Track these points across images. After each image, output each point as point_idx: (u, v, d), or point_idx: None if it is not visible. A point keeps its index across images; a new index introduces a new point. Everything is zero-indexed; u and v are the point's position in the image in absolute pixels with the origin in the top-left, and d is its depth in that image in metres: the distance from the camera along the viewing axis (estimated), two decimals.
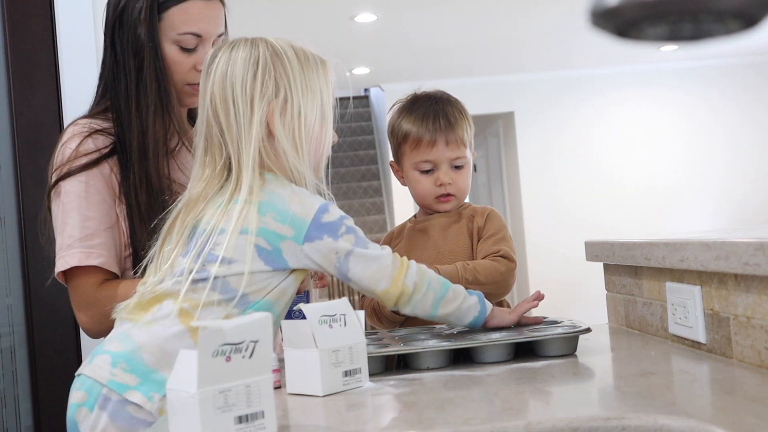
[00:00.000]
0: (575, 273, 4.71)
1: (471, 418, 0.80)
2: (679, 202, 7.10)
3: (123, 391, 1.05)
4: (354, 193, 7.72)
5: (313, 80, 1.19)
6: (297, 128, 1.15)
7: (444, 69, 6.32)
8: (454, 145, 1.51)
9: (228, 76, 1.14)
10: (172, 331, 1.07)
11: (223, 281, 1.08)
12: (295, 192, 1.11)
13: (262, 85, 1.14)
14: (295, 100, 1.15)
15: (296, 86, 1.16)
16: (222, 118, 1.14)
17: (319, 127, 1.19)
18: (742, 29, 0.45)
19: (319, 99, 1.19)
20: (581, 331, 1.14)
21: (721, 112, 7.13)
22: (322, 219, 1.09)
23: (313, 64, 1.20)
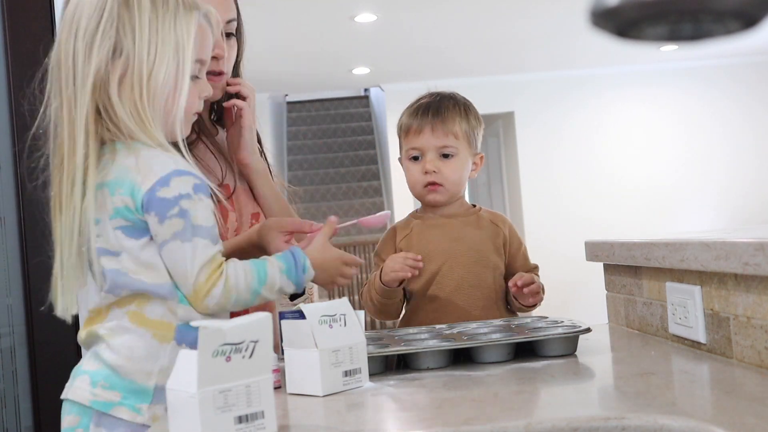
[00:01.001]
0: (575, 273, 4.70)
1: (471, 418, 0.80)
2: (679, 202, 7.10)
3: (108, 409, 1.02)
4: (354, 193, 7.72)
5: (168, 31, 1.04)
6: (139, 94, 1.02)
7: (444, 69, 6.32)
8: (441, 133, 1.52)
9: (74, 22, 1.03)
10: (132, 337, 1.03)
11: (130, 279, 1.01)
12: (142, 158, 1.01)
13: (101, 39, 1.01)
14: (137, 58, 1.02)
15: (142, 41, 1.02)
16: (62, 71, 1.03)
17: (173, 84, 1.05)
18: (742, 29, 0.45)
19: (173, 51, 1.04)
20: (581, 331, 1.14)
21: (721, 112, 7.13)
22: (157, 193, 0.99)
23: (173, 10, 1.05)
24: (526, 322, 1.29)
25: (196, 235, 1.00)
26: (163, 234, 1.00)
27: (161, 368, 1.03)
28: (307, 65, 6.14)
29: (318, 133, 8.55)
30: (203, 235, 1.00)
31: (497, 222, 1.57)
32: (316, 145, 8.35)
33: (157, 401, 1.02)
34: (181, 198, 0.99)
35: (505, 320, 1.35)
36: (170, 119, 1.07)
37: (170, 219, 0.99)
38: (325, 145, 8.35)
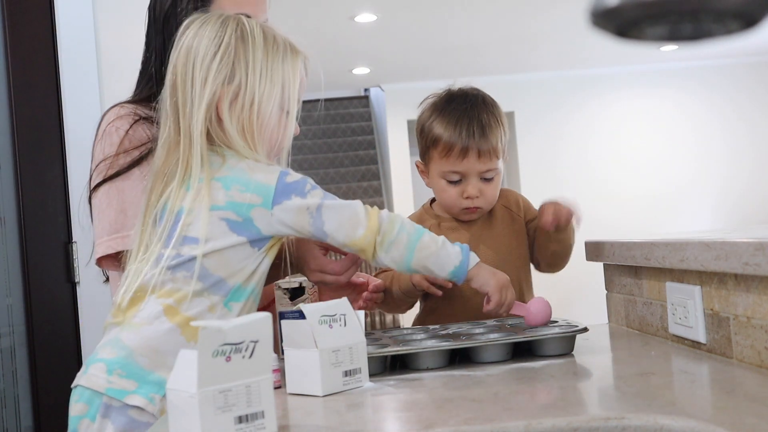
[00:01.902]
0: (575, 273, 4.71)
1: (471, 418, 0.80)
2: (679, 202, 7.10)
3: (122, 396, 1.05)
4: (354, 193, 7.72)
5: (276, 69, 1.15)
6: (248, 117, 1.13)
7: (444, 69, 6.32)
8: (486, 157, 1.44)
9: (192, 51, 1.13)
10: (161, 330, 1.06)
11: (201, 267, 1.07)
12: (254, 163, 1.12)
13: (218, 68, 1.12)
14: (249, 88, 1.13)
15: (254, 74, 1.13)
16: (179, 93, 1.13)
17: (277, 119, 1.16)
18: (742, 29, 0.45)
19: (280, 89, 1.15)
20: (579, 330, 1.14)
21: (721, 111, 7.13)
22: (287, 180, 1.10)
23: (282, 52, 1.17)
24: (522, 322, 1.29)
25: (333, 197, 1.12)
26: (313, 202, 1.09)
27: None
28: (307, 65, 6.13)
29: (318, 133, 8.55)
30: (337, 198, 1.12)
31: (509, 205, 1.54)
32: (316, 145, 8.35)
33: None
34: (306, 178, 1.12)
35: (500, 320, 1.35)
36: (273, 151, 1.17)
37: (310, 191, 1.10)
38: (325, 145, 8.35)
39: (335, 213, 1.10)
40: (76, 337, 1.91)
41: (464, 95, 1.50)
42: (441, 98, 1.51)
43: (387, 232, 1.11)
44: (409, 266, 1.13)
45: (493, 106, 1.50)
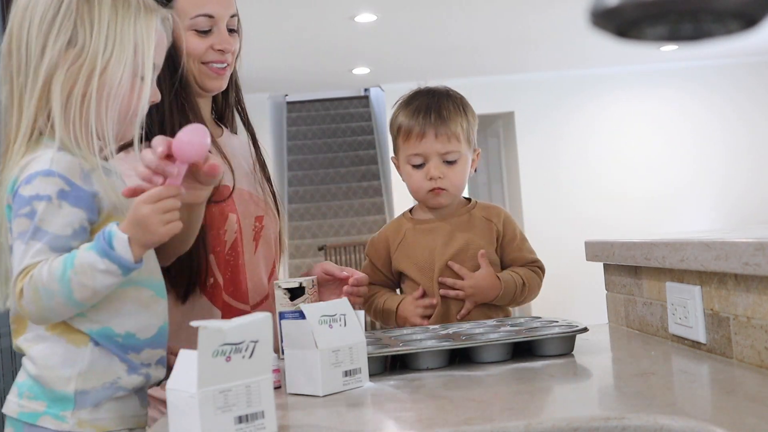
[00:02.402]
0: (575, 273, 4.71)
1: (471, 418, 0.80)
2: (679, 202, 7.10)
3: (35, 420, 1.00)
4: (354, 193, 7.72)
5: (128, 32, 1.02)
6: (96, 84, 1.00)
7: (444, 69, 6.32)
8: (444, 137, 1.49)
9: (28, 10, 1.00)
10: (48, 345, 1.01)
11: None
12: (40, 155, 0.98)
13: (59, 30, 0.99)
14: (93, 51, 1.00)
15: (99, 37, 1.00)
16: (14, 60, 1.01)
17: (128, 85, 1.03)
18: (742, 29, 0.45)
19: (132, 54, 1.02)
20: (578, 330, 1.14)
21: (721, 111, 7.13)
22: (20, 190, 0.96)
23: (134, 10, 1.03)
24: (521, 322, 1.29)
25: (34, 238, 0.95)
26: (13, 231, 0.97)
27: (80, 372, 1.00)
28: (307, 65, 6.14)
29: (318, 133, 8.55)
30: (45, 241, 0.95)
31: (491, 217, 1.56)
32: (316, 145, 8.35)
33: (81, 406, 1.00)
34: (35, 198, 0.95)
35: (499, 320, 1.35)
36: (126, 120, 1.04)
37: (18, 218, 0.96)
38: (325, 145, 8.35)
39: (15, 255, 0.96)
40: None
41: (429, 90, 1.57)
42: (408, 95, 1.58)
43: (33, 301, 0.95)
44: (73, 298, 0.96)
45: (456, 98, 1.56)
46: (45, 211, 0.95)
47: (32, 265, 0.95)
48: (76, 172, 0.99)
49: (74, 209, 0.97)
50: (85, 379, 1.01)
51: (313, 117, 8.68)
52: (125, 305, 1.03)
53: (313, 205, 7.48)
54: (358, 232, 7.30)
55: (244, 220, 1.38)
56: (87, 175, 1.00)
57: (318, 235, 7.20)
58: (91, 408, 1.01)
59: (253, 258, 1.40)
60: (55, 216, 0.96)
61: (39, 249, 0.95)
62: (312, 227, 7.30)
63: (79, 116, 1.01)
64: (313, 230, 7.26)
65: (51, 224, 0.95)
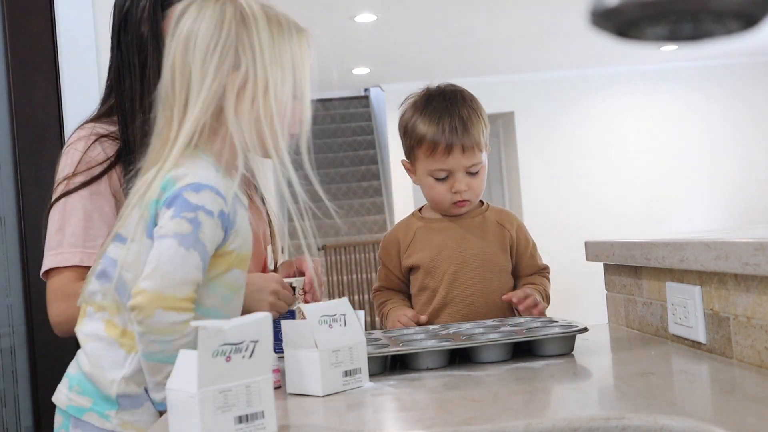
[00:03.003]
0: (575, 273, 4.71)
1: (471, 418, 0.80)
2: (679, 202, 7.10)
3: (81, 414, 1.03)
4: (354, 193, 7.72)
5: (285, 52, 1.05)
6: (262, 105, 1.02)
7: (444, 69, 6.32)
8: (471, 152, 1.47)
9: (191, 41, 1.02)
10: (102, 346, 1.03)
11: (119, 275, 1.00)
12: (204, 170, 1.00)
13: (221, 55, 1.01)
14: (260, 74, 1.02)
15: (263, 59, 1.03)
16: (177, 87, 1.03)
17: (291, 108, 1.06)
18: (742, 29, 0.45)
19: (291, 74, 1.05)
20: (578, 330, 1.14)
21: (721, 112, 7.13)
22: (184, 193, 0.97)
23: (287, 32, 1.06)
24: (521, 322, 1.29)
25: (195, 249, 0.95)
26: (167, 228, 0.96)
27: (123, 377, 1.02)
28: None
29: (318, 133, 8.55)
30: (201, 256, 0.96)
31: (504, 222, 1.55)
32: (316, 145, 8.34)
33: (124, 408, 1.03)
34: (201, 209, 0.97)
35: (499, 320, 1.35)
36: (293, 142, 1.08)
37: (181, 219, 0.96)
38: (325, 145, 8.35)
39: (157, 252, 0.96)
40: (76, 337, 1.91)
41: (443, 93, 1.53)
42: (421, 97, 1.54)
43: (146, 329, 0.94)
44: (147, 358, 0.97)
45: (472, 101, 1.53)
46: (208, 225, 0.97)
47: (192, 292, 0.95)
48: (230, 196, 1.01)
49: (222, 232, 1.00)
50: (128, 383, 1.03)
51: (313, 117, 8.67)
52: None
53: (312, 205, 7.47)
54: (358, 232, 7.30)
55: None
56: (233, 203, 1.02)
57: (318, 235, 7.18)
58: (134, 410, 1.03)
59: None
60: (212, 233, 0.98)
61: (197, 265, 0.96)
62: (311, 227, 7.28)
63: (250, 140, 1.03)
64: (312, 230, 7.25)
65: (207, 240, 0.97)
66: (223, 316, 1.03)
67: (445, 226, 1.54)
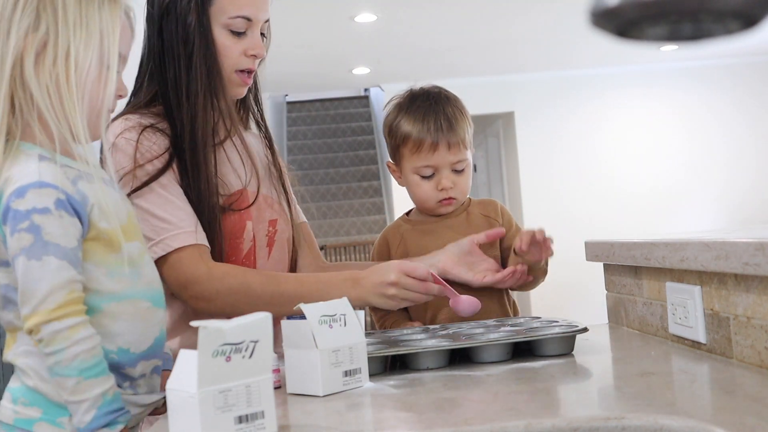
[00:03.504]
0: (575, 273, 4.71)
1: (471, 418, 0.80)
2: (679, 202, 7.10)
3: (31, 426, 0.99)
4: (354, 193, 7.72)
5: (93, 17, 1.00)
6: (63, 72, 0.97)
7: (444, 69, 6.32)
8: (456, 148, 1.48)
9: None
10: (39, 359, 0.99)
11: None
12: (17, 165, 0.96)
13: (22, 14, 0.96)
14: (61, 37, 0.97)
15: (66, 21, 0.97)
16: None
17: (96, 75, 1.00)
18: (742, 29, 0.45)
19: (98, 41, 1.00)
20: (578, 330, 1.14)
21: (721, 112, 7.13)
22: (11, 204, 0.93)
23: (98, 0, 1.01)
24: (521, 322, 1.29)
25: (47, 254, 0.92)
26: (12, 248, 0.93)
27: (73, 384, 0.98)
28: (307, 65, 6.14)
29: (318, 133, 8.55)
30: (58, 255, 0.93)
31: (489, 213, 1.56)
32: (316, 145, 8.35)
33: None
34: (34, 212, 0.92)
35: (499, 320, 1.35)
36: (94, 113, 1.02)
37: (19, 233, 0.92)
38: (325, 145, 8.35)
39: (18, 274, 0.93)
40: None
41: (426, 93, 1.54)
42: (405, 98, 1.55)
43: (48, 343, 0.92)
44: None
45: (456, 101, 1.54)
46: (49, 223, 0.93)
47: (72, 292, 0.93)
48: (64, 180, 0.96)
49: (73, 219, 0.96)
50: (50, 386, 0.99)
51: (313, 117, 8.68)
52: (118, 323, 1.02)
53: (312, 204, 7.48)
54: (358, 232, 7.30)
55: (258, 225, 1.37)
56: (74, 182, 0.98)
57: (318, 235, 7.20)
58: None
59: (267, 264, 1.39)
60: (58, 228, 0.94)
61: (59, 265, 0.93)
62: (312, 227, 7.28)
63: (52, 108, 0.97)
64: (313, 230, 7.26)
65: (59, 236, 0.93)
66: (139, 291, 1.04)
67: (431, 228, 1.54)
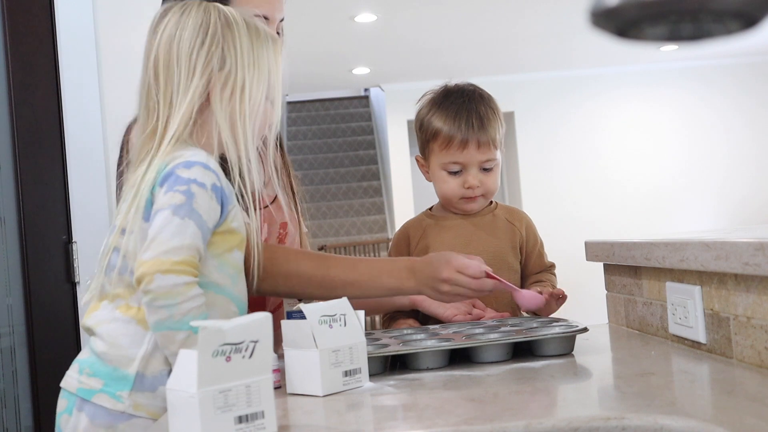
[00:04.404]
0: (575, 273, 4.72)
1: (471, 418, 0.80)
2: (679, 202, 7.10)
3: (90, 396, 1.04)
4: (354, 193, 7.72)
5: (263, 57, 1.13)
6: (239, 104, 1.10)
7: (444, 69, 6.32)
8: (486, 147, 1.47)
9: (175, 40, 1.09)
10: (118, 325, 1.05)
11: (123, 260, 1.04)
12: (195, 152, 1.07)
13: (208, 54, 1.09)
14: (239, 74, 1.10)
15: (243, 60, 1.11)
16: (162, 83, 1.09)
17: (264, 109, 1.14)
18: (742, 29, 0.45)
19: (266, 77, 1.13)
20: (578, 330, 1.14)
21: (721, 112, 7.13)
22: (176, 170, 1.03)
23: (264, 40, 1.14)
24: (521, 322, 1.29)
25: (190, 218, 1.00)
26: (161, 202, 1.01)
27: (144, 354, 1.04)
28: (307, 65, 6.14)
29: (318, 133, 8.55)
30: (197, 225, 1.01)
31: (514, 221, 1.55)
32: (316, 145, 8.35)
33: (138, 389, 1.03)
34: (194, 182, 1.02)
35: (499, 320, 1.35)
36: (260, 140, 1.14)
37: (174, 192, 1.01)
38: (325, 145, 8.35)
39: (155, 224, 1.01)
40: (76, 337, 1.91)
41: (461, 90, 1.54)
42: (438, 94, 1.55)
43: (157, 298, 0.98)
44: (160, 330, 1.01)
45: (490, 100, 1.54)
46: (201, 196, 1.02)
47: (193, 256, 1.00)
48: (221, 175, 1.08)
49: (218, 205, 1.05)
50: (148, 362, 1.04)
51: (313, 117, 8.68)
52: (212, 311, 1.05)
53: (313, 205, 7.49)
54: (358, 232, 7.30)
55: (271, 228, 1.37)
56: (226, 183, 1.09)
57: (318, 235, 7.20)
58: (149, 393, 1.03)
59: None
60: (206, 204, 1.03)
61: (194, 233, 1.00)
62: (312, 227, 7.29)
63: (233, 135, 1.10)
64: (313, 230, 7.26)
65: (203, 210, 1.02)
66: (235, 296, 1.10)
67: (455, 224, 1.54)
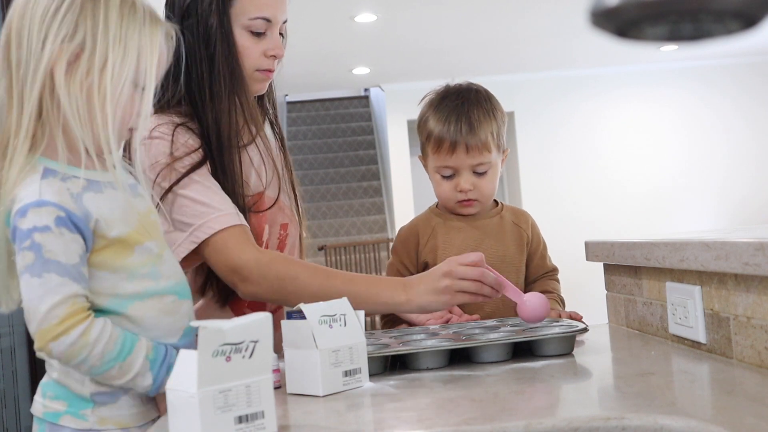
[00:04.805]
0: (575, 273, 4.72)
1: (471, 418, 0.80)
2: (679, 202, 7.10)
3: (57, 419, 1.02)
4: (354, 193, 7.72)
5: (132, 36, 0.99)
6: (97, 82, 0.97)
7: (444, 69, 6.32)
8: (476, 151, 1.46)
9: (30, 3, 0.98)
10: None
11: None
12: (28, 184, 0.96)
13: (61, 23, 0.96)
14: (100, 49, 0.97)
15: (107, 35, 0.97)
16: (13, 51, 0.98)
17: (129, 94, 1.00)
18: (742, 29, 0.45)
19: (135, 61, 0.99)
20: (578, 330, 1.14)
21: (721, 112, 7.13)
22: (17, 223, 0.95)
23: (139, 19, 1.01)
24: (521, 322, 1.29)
25: (48, 271, 0.93)
26: (18, 266, 0.95)
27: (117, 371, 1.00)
28: (307, 65, 6.14)
29: (318, 133, 8.55)
30: (59, 272, 0.93)
31: (520, 222, 1.55)
32: (316, 145, 8.35)
33: (100, 403, 1.01)
34: (35, 230, 0.93)
35: (499, 320, 1.35)
36: (123, 133, 1.02)
37: (22, 252, 0.94)
38: (325, 145, 8.35)
39: (23, 292, 0.95)
40: None
41: (459, 91, 1.53)
42: (437, 95, 1.54)
43: (66, 357, 0.95)
44: (99, 372, 0.97)
45: (487, 100, 1.52)
46: (48, 241, 0.94)
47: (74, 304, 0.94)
48: (65, 197, 0.96)
49: (74, 235, 0.96)
50: (99, 382, 1.01)
51: (313, 117, 8.69)
52: (145, 320, 1.03)
53: (313, 205, 7.49)
54: (358, 232, 7.30)
55: (272, 229, 1.38)
56: (78, 197, 0.98)
57: (318, 235, 7.20)
58: (111, 405, 1.02)
59: None
60: (59, 245, 0.94)
61: (60, 282, 0.93)
62: (312, 227, 7.30)
63: (79, 118, 0.97)
64: (313, 230, 7.27)
65: (59, 253, 0.94)
66: (162, 287, 1.05)
67: (464, 226, 1.53)
